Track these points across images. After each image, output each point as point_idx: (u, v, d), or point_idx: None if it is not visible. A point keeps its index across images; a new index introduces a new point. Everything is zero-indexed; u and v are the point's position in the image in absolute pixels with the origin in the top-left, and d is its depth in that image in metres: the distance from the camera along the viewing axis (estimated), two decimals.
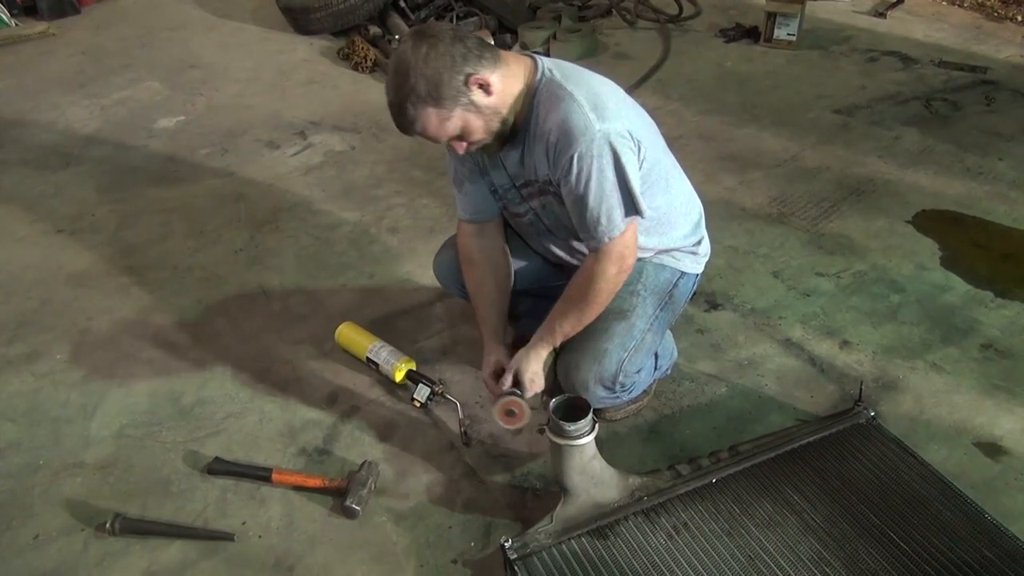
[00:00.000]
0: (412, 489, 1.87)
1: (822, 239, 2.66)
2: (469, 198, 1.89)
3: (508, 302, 1.96)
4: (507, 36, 4.36)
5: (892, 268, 2.51)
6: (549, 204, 1.77)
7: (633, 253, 1.71)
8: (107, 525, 1.76)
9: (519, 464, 1.92)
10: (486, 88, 1.57)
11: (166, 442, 2.02)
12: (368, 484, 1.82)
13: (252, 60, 4.37)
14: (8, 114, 3.87)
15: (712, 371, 2.16)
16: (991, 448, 1.89)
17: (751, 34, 4.29)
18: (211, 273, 2.67)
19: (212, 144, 3.50)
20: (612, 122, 1.59)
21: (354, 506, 1.78)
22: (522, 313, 2.11)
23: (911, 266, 2.51)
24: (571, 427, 1.59)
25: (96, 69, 4.33)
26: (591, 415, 1.61)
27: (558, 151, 1.60)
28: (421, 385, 2.06)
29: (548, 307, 1.80)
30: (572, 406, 1.63)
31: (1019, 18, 4.36)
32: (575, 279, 1.75)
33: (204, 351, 2.31)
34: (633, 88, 3.78)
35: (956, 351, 2.18)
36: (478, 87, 1.56)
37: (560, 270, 1.99)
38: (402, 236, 2.80)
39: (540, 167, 1.69)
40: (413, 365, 2.13)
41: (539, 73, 1.64)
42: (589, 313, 1.74)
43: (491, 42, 2.33)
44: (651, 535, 1.64)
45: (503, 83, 1.59)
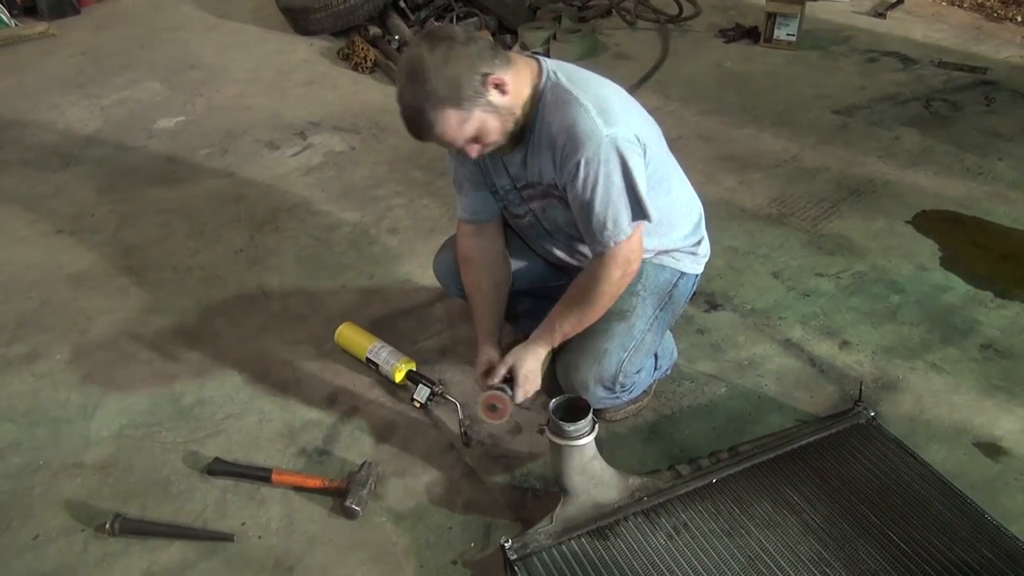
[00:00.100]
0: (412, 490, 1.87)
1: (822, 239, 2.66)
2: (469, 199, 1.88)
3: (504, 303, 1.96)
4: (507, 36, 4.36)
5: (892, 268, 2.51)
6: (551, 207, 1.77)
7: (638, 258, 1.71)
8: (107, 526, 1.76)
9: (519, 464, 1.92)
10: (502, 88, 1.56)
11: (166, 442, 2.02)
12: (368, 484, 1.82)
13: (252, 60, 4.36)
14: (8, 114, 3.87)
15: (712, 371, 2.16)
16: (991, 448, 1.89)
17: (751, 34, 4.29)
18: (211, 273, 2.67)
19: (212, 144, 3.50)
20: (619, 127, 1.58)
21: (354, 506, 1.78)
22: (522, 313, 2.11)
23: (911, 266, 2.51)
24: (571, 427, 1.59)
25: (96, 69, 4.33)
26: (591, 415, 1.61)
27: (565, 156, 1.60)
28: (421, 386, 2.06)
29: (548, 307, 1.80)
30: (572, 406, 1.63)
31: (1019, 18, 4.36)
32: (578, 280, 1.75)
33: (204, 352, 2.31)
34: (633, 89, 3.78)
35: (956, 351, 2.18)
36: (494, 87, 1.54)
37: (560, 271, 1.99)
38: (402, 237, 2.80)
39: (545, 170, 1.68)
40: (413, 365, 2.13)
41: (544, 75, 1.63)
42: (591, 315, 1.74)
43: None
44: (651, 535, 1.64)
45: (515, 83, 1.58)
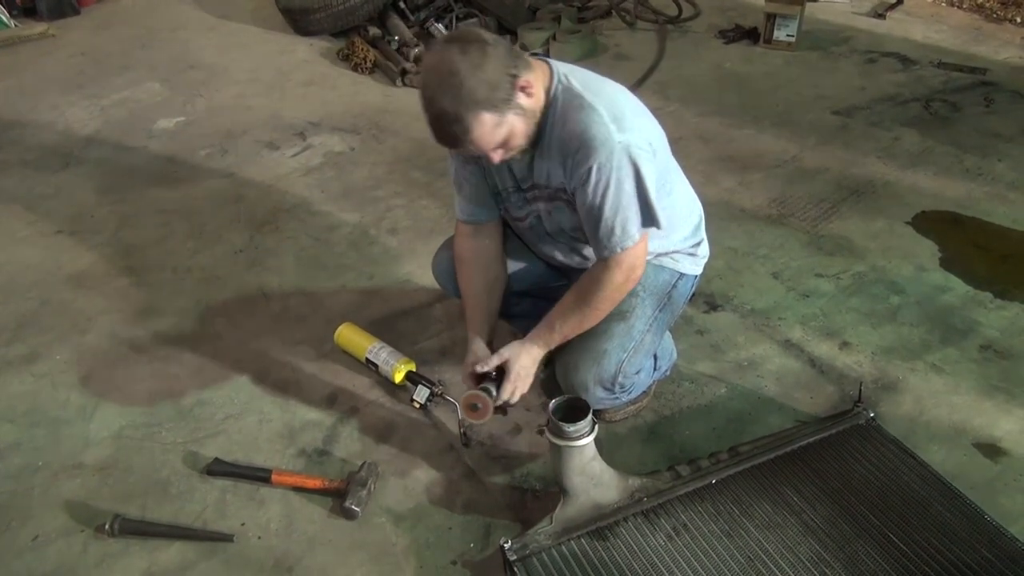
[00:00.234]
0: (412, 490, 1.87)
1: (821, 240, 2.67)
2: (469, 200, 1.88)
3: (498, 304, 1.94)
4: (506, 37, 4.35)
5: (891, 269, 2.51)
6: (557, 209, 1.76)
7: (642, 264, 1.71)
8: (106, 526, 1.76)
9: (519, 465, 1.92)
10: (527, 90, 1.55)
11: (165, 443, 2.02)
12: (367, 485, 1.82)
13: (252, 61, 4.36)
14: (8, 115, 3.87)
15: (712, 372, 2.16)
16: (990, 449, 1.89)
17: (750, 35, 4.29)
18: (210, 274, 2.67)
19: (212, 145, 3.50)
20: (632, 133, 1.58)
21: (353, 507, 1.78)
22: (520, 313, 2.11)
23: (910, 267, 2.51)
24: (571, 428, 1.59)
25: (96, 70, 4.33)
26: (590, 416, 1.61)
27: (577, 161, 1.59)
28: (420, 386, 2.06)
29: (547, 308, 1.80)
30: (571, 407, 1.63)
31: (1018, 19, 4.36)
32: (580, 283, 1.74)
33: (203, 352, 2.31)
34: (631, 90, 3.76)
35: (955, 352, 2.18)
36: (521, 90, 1.53)
37: (559, 272, 1.99)
38: (402, 237, 2.80)
39: (554, 174, 1.68)
40: (412, 366, 2.13)
41: (555, 78, 1.62)
42: (591, 318, 1.74)
43: None
44: (651, 536, 1.64)
45: (536, 86, 1.58)
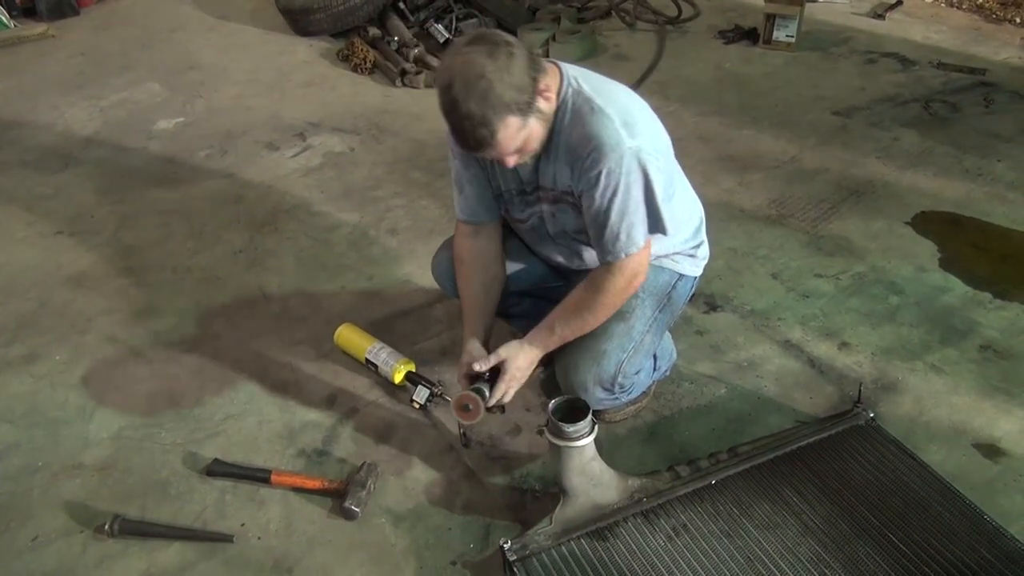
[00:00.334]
0: (411, 490, 1.87)
1: (821, 240, 2.67)
2: (469, 200, 1.87)
3: (495, 305, 1.94)
4: None
5: (891, 269, 2.51)
6: (562, 212, 1.76)
7: (645, 271, 1.71)
8: (106, 527, 1.76)
9: (518, 465, 1.92)
10: (546, 94, 1.54)
11: (165, 444, 2.02)
12: (367, 485, 1.82)
13: (251, 62, 4.36)
14: (7, 115, 3.86)
15: (711, 372, 2.16)
16: (990, 449, 1.89)
17: (750, 35, 4.29)
18: (210, 275, 2.67)
19: (211, 146, 3.50)
20: (642, 138, 1.58)
21: (353, 507, 1.78)
22: (520, 314, 2.11)
23: (910, 267, 2.51)
24: (570, 428, 1.59)
25: (95, 70, 4.33)
26: (590, 416, 1.61)
27: (586, 165, 1.59)
28: (420, 387, 2.06)
29: (546, 309, 1.80)
30: (571, 407, 1.63)
31: (1017, 20, 4.37)
32: (581, 286, 1.74)
33: (203, 352, 2.31)
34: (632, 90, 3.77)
35: (955, 352, 2.18)
36: (540, 93, 1.53)
37: (560, 273, 1.99)
38: (401, 238, 2.80)
39: (561, 177, 1.67)
40: (412, 366, 2.13)
41: (565, 81, 1.62)
42: (591, 322, 1.74)
43: None
44: (650, 536, 1.64)
45: (552, 90, 1.58)
